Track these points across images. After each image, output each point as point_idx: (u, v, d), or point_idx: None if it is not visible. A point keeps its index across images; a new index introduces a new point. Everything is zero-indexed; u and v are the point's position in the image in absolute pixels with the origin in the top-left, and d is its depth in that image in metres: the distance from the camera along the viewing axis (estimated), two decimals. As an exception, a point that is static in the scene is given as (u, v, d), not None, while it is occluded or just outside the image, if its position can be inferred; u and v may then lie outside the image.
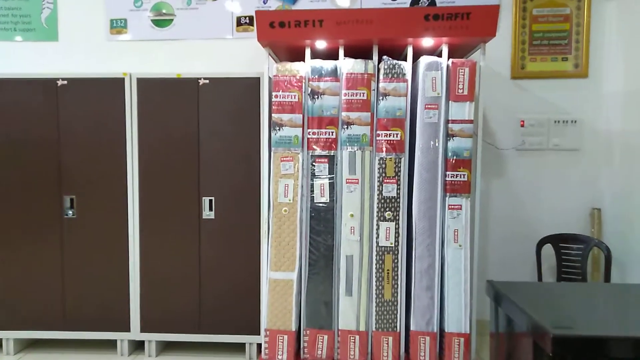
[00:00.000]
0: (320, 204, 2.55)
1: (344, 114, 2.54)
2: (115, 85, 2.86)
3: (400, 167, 2.52)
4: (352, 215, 2.53)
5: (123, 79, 2.86)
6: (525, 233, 3.27)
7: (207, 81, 2.84)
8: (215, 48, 3.30)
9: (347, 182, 2.54)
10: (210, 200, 2.87)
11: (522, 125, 3.26)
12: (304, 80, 2.56)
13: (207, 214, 2.88)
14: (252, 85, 2.81)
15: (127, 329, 2.94)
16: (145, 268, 2.91)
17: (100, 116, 2.87)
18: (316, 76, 2.55)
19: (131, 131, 2.87)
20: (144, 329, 2.93)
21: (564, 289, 1.69)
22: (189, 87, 2.84)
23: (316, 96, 2.55)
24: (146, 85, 2.85)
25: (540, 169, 3.28)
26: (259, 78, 2.80)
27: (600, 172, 3.25)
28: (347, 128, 2.53)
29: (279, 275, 2.58)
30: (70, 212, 2.91)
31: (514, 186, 3.30)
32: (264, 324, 2.62)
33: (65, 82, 2.87)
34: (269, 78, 2.71)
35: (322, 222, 2.56)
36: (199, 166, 2.86)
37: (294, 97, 2.56)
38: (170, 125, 2.86)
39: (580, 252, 2.97)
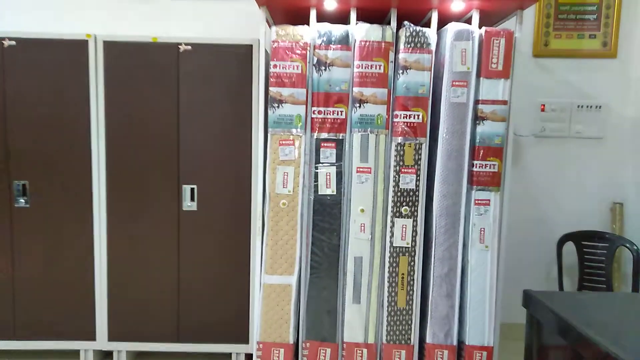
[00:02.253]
0: (326, 197, 2.16)
1: (355, 89, 2.13)
2: (77, 49, 2.36)
3: (420, 154, 2.14)
4: (362, 210, 2.15)
5: (87, 41, 2.36)
6: (543, 229, 2.98)
7: (190, 47, 2.38)
8: (199, 10, 2.81)
9: (357, 172, 2.15)
10: (192, 189, 2.44)
11: (543, 110, 2.94)
12: (308, 48, 2.14)
13: (188, 204, 2.45)
14: (244, 53, 2.37)
15: (92, 337, 2.50)
16: (114, 268, 2.47)
17: (58, 86, 2.37)
18: (324, 43, 2.13)
19: (96, 106, 2.39)
20: (112, 337, 2.51)
21: (613, 300, 1.48)
22: (168, 54, 2.37)
23: (323, 67, 2.13)
24: (115, 50, 2.37)
25: (560, 158, 2.97)
26: (252, 45, 2.36)
27: (625, 163, 2.96)
28: (360, 107, 2.13)
29: (275, 280, 2.19)
30: (22, 200, 2.42)
31: (531, 176, 2.99)
32: (256, 335, 2.23)
33: (14, 42, 2.36)
34: (265, 48, 2.27)
35: (327, 218, 2.17)
36: (178, 148, 2.42)
37: (297, 68, 2.13)
38: (145, 99, 2.39)
39: (605, 252, 2.69)
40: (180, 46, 2.38)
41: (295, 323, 2.22)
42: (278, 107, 2.15)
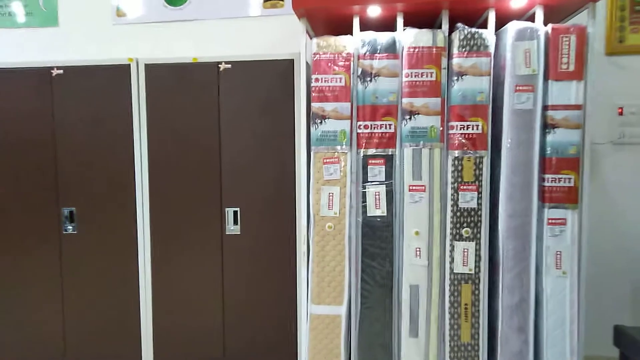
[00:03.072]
0: (375, 218, 1.97)
1: (405, 100, 1.95)
2: (120, 74, 2.35)
3: (481, 169, 1.91)
4: (417, 233, 1.94)
5: (129, 65, 2.35)
6: (626, 251, 2.60)
7: (229, 66, 2.30)
8: (238, 29, 2.75)
9: (410, 190, 1.95)
10: (235, 212, 2.34)
11: (621, 114, 2.59)
12: (352, 59, 1.98)
13: (231, 228, 2.35)
14: (284, 68, 2.26)
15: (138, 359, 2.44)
16: (159, 292, 2.40)
17: (103, 112, 2.37)
18: (368, 52, 1.97)
19: (139, 129, 2.35)
20: (157, 365, 2.43)
21: None
22: (208, 73, 2.31)
23: (368, 78, 1.97)
24: (156, 72, 2.33)
25: (643, 168, 2.61)
26: (293, 60, 2.25)
27: None
28: (410, 119, 1.94)
29: (322, 310, 2.01)
30: (70, 227, 2.42)
31: (609, 189, 2.64)
32: (303, 370, 2.06)
33: (61, 71, 2.38)
34: (306, 61, 2.14)
35: (378, 242, 1.97)
36: (220, 170, 2.33)
37: (340, 81, 1.98)
38: (186, 120, 2.33)
39: None
40: (220, 65, 2.30)
41: (347, 357, 2.02)
42: (321, 123, 2.00)
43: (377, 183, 1.97)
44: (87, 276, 2.43)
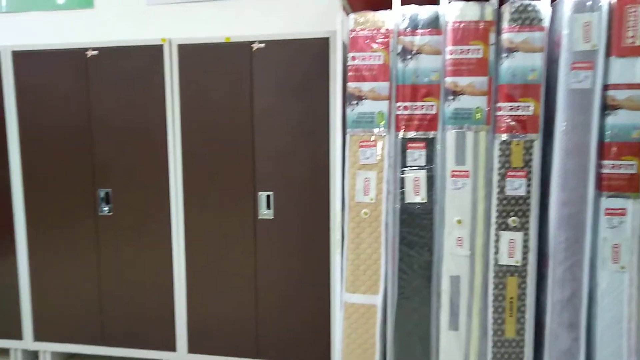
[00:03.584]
0: (414, 205, 1.87)
1: (448, 79, 1.82)
2: (152, 54, 2.31)
3: (531, 154, 1.77)
4: (459, 222, 1.83)
5: (162, 46, 2.30)
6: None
7: (263, 45, 2.22)
8: (271, 6, 2.65)
9: (452, 176, 1.83)
10: (268, 196, 2.29)
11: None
12: (391, 35, 1.86)
13: (264, 212, 2.30)
14: (319, 47, 2.16)
15: (173, 348, 2.45)
16: (192, 276, 2.39)
17: (136, 93, 2.34)
18: (409, 28, 1.84)
19: (172, 110, 2.32)
20: (192, 349, 2.43)
21: None
22: (241, 53, 2.24)
23: (409, 56, 1.84)
24: (189, 52, 2.28)
25: None
26: (329, 38, 2.14)
27: None
28: (454, 99, 1.81)
29: (357, 299, 1.94)
30: (106, 208, 2.43)
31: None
32: (338, 358, 2.00)
33: (96, 52, 2.37)
34: (342, 40, 2.03)
35: (417, 230, 1.87)
36: (253, 153, 2.27)
37: (378, 59, 1.87)
38: (219, 102, 2.28)
39: None
40: (253, 44, 2.23)
41: (382, 348, 1.95)
42: (357, 104, 1.90)
43: (417, 168, 1.86)
44: (122, 258, 2.44)
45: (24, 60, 2.42)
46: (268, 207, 2.29)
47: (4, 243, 2.54)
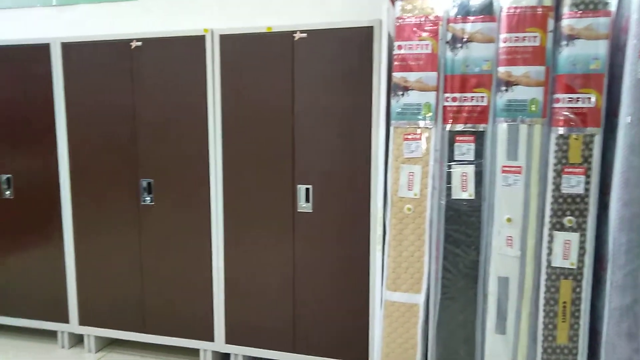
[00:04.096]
0: (461, 202, 1.78)
1: (501, 69, 1.71)
2: (195, 45, 2.31)
3: (591, 149, 1.64)
4: (509, 220, 1.73)
5: (204, 36, 2.30)
6: None
7: (305, 35, 2.17)
8: (314, -5, 2.60)
9: (503, 171, 1.73)
10: (307, 189, 2.25)
11: None
12: (441, 23, 1.77)
13: (303, 205, 2.26)
14: (363, 37, 2.09)
15: (211, 338, 2.47)
16: (231, 267, 2.39)
17: (178, 84, 2.35)
18: (460, 14, 1.75)
19: (213, 101, 2.32)
20: (229, 340, 2.44)
21: None
22: (282, 43, 2.20)
23: (459, 44, 1.75)
24: (230, 43, 2.26)
25: None
26: (373, 27, 2.07)
27: None
28: (507, 90, 1.71)
29: (398, 297, 1.88)
30: (148, 198, 2.47)
31: None
32: (376, 357, 1.95)
33: (140, 43, 2.39)
34: (387, 29, 1.95)
35: (463, 228, 1.79)
36: (293, 144, 2.24)
37: (426, 48, 1.78)
38: (259, 92, 2.25)
39: None
40: (295, 34, 2.18)
41: (424, 349, 1.89)
42: (403, 95, 1.82)
43: (465, 163, 1.77)
44: (163, 248, 2.47)
45: (72, 51, 2.47)
46: (307, 200, 2.26)
47: (51, 230, 2.62)
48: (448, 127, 1.79)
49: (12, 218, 2.67)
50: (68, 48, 2.47)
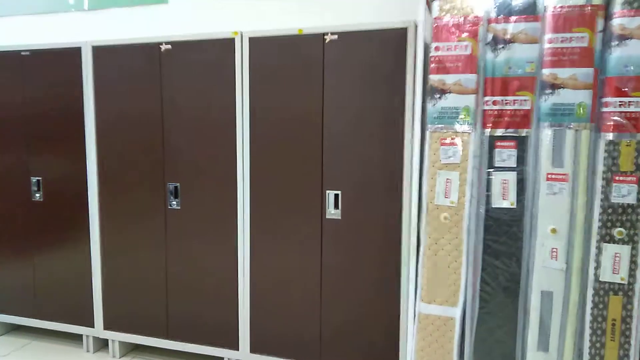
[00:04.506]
0: (502, 210, 1.69)
1: (546, 71, 1.62)
2: (224, 48, 2.28)
3: (645, 156, 1.54)
4: (554, 231, 1.63)
5: (233, 39, 2.27)
6: None
7: (336, 37, 2.12)
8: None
9: (548, 179, 1.64)
10: (336, 195, 2.19)
11: None
12: (481, 23, 1.69)
13: (332, 212, 2.20)
14: (396, 39, 2.02)
15: (235, 347, 2.42)
16: (256, 275, 2.34)
17: (207, 87, 2.33)
18: (502, 14, 1.67)
19: (242, 105, 2.28)
20: (254, 349, 2.39)
21: None
22: (313, 45, 2.15)
23: (501, 45, 1.67)
24: (260, 45, 2.23)
25: None
26: (406, 28, 2.00)
27: None
28: (552, 93, 1.62)
29: (433, 310, 1.80)
30: (175, 202, 2.44)
31: None
32: (408, 372, 1.87)
33: (169, 46, 2.38)
34: (422, 31, 1.88)
35: (504, 238, 1.70)
36: (322, 149, 2.18)
37: (465, 49, 1.71)
38: (289, 96, 2.21)
39: None
40: (326, 36, 2.14)
41: (458, 365, 1.79)
42: (440, 98, 1.75)
43: (506, 169, 1.68)
44: (189, 253, 2.44)
45: (102, 54, 2.48)
46: (336, 206, 2.19)
47: (78, 233, 2.62)
48: (488, 131, 1.70)
49: (41, 221, 2.69)
50: (99, 51, 2.48)
